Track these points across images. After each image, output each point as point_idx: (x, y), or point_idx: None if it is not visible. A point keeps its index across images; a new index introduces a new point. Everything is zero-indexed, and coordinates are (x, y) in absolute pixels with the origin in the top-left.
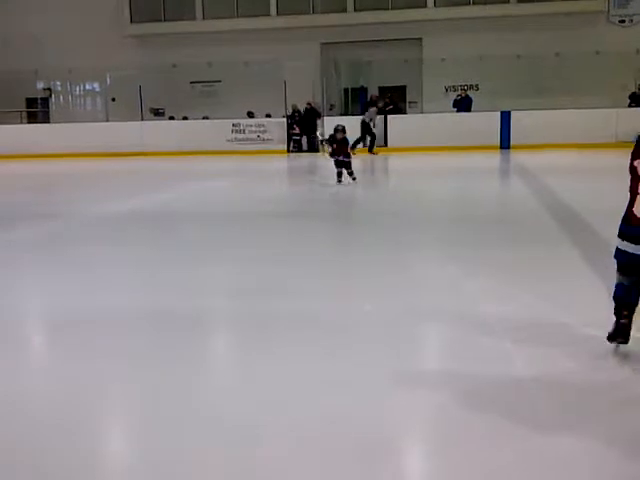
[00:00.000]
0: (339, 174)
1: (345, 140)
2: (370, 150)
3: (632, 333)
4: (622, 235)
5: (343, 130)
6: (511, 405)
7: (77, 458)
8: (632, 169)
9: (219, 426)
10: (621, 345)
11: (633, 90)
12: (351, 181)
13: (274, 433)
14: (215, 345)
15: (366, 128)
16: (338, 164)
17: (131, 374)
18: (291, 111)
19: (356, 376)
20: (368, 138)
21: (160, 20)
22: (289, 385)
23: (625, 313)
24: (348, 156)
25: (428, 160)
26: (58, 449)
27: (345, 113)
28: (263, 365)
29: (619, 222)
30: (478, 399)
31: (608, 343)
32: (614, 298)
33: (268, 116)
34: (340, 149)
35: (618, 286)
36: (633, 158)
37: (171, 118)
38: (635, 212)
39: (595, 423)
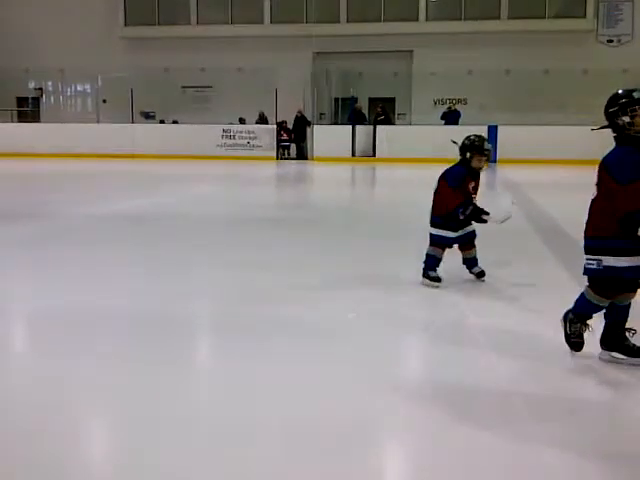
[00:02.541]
0: (434, 260)
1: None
2: None
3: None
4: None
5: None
6: (493, 417)
7: (60, 460)
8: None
9: (206, 428)
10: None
11: None
12: (474, 278)
13: (260, 435)
14: (201, 349)
15: None
16: (463, 239)
17: (117, 377)
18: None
19: (338, 384)
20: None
21: (154, 24)
22: (274, 389)
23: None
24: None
25: (414, 171)
26: (38, 451)
27: (335, 122)
28: (248, 369)
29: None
30: (460, 409)
31: (588, 355)
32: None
33: (257, 122)
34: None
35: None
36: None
37: (162, 122)
38: None
39: (578, 437)
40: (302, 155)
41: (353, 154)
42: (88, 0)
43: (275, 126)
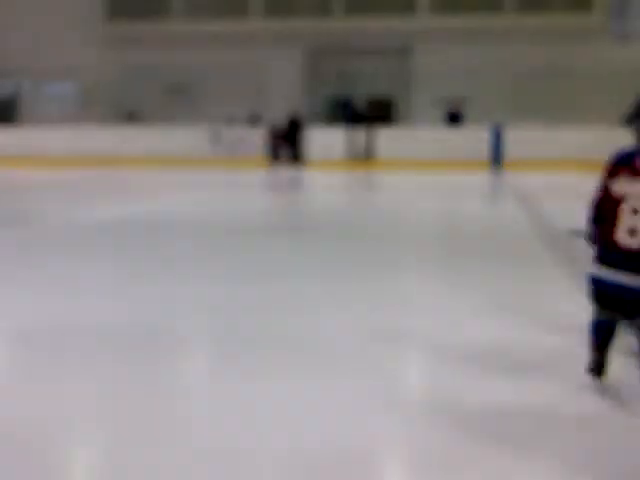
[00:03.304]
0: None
1: None
2: None
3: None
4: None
5: None
6: (494, 431)
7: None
8: (606, 189)
9: (201, 445)
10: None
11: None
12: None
13: (258, 454)
14: (196, 364)
15: None
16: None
17: (102, 393)
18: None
19: (334, 400)
20: None
21: (138, 20)
22: (271, 404)
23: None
24: None
25: (413, 174)
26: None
27: (330, 123)
28: (238, 385)
29: None
30: (461, 424)
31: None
32: (590, 332)
33: (248, 122)
34: None
35: (594, 323)
36: (610, 176)
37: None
38: (617, 238)
39: (577, 452)
40: (295, 158)
41: (349, 157)
42: None
43: (265, 128)
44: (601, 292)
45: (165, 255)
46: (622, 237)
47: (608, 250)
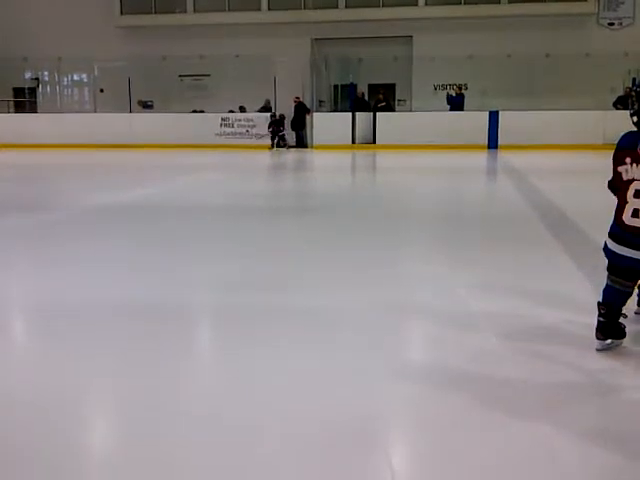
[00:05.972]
0: None
1: None
2: None
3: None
4: (611, 235)
5: None
6: (497, 400)
7: (60, 453)
8: (616, 174)
9: (210, 422)
10: (608, 342)
11: (620, 94)
12: None
13: (265, 428)
14: (202, 339)
15: None
16: None
17: (117, 369)
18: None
19: (341, 371)
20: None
21: (151, 12)
22: (277, 379)
23: (602, 311)
24: None
25: (415, 158)
26: (41, 444)
27: (334, 109)
28: (250, 359)
29: (606, 223)
30: (464, 394)
31: (591, 340)
32: (601, 296)
33: (261, 110)
34: None
35: (605, 287)
36: (616, 164)
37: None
38: (624, 219)
39: (579, 418)
40: (302, 143)
41: (353, 141)
42: None
43: (274, 114)
44: (613, 264)
45: (176, 235)
46: (627, 218)
47: (619, 229)
